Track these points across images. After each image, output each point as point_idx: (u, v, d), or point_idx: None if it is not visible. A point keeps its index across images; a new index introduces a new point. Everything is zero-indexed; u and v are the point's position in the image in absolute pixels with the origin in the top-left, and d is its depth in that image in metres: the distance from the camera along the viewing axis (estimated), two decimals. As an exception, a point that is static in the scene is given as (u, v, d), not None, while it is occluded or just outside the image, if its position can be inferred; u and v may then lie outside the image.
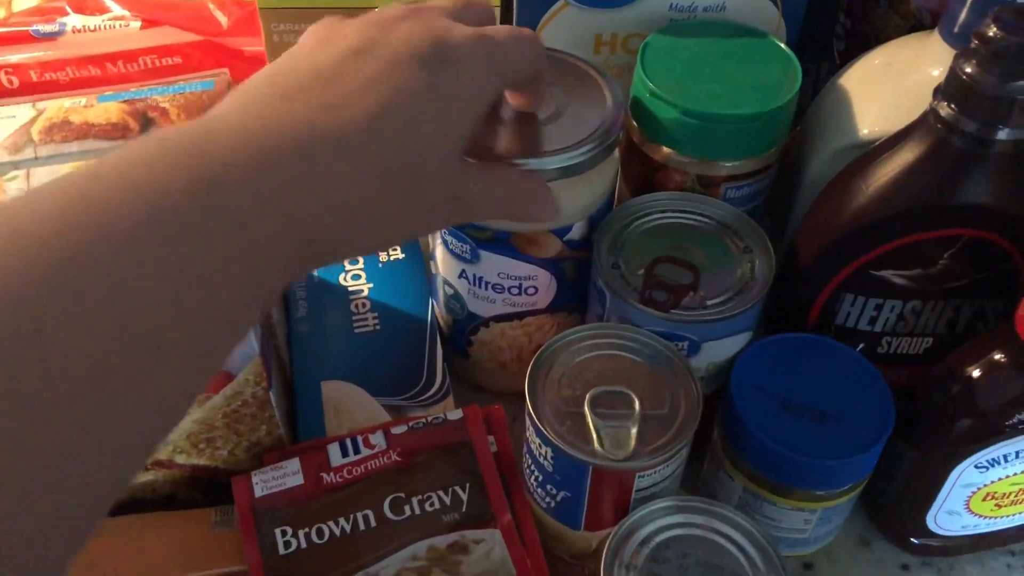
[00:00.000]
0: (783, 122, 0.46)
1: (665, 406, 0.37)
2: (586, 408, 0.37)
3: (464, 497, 0.38)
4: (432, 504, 0.38)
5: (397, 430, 0.40)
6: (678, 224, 0.44)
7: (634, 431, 0.36)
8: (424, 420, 0.41)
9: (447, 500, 0.38)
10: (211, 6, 0.63)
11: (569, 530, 0.40)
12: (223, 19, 0.63)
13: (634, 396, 0.37)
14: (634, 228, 0.44)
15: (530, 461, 0.39)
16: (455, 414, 0.41)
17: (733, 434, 0.41)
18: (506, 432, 0.41)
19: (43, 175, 0.43)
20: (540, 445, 0.37)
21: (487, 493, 0.38)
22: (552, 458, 0.37)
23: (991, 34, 0.35)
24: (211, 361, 0.25)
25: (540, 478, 0.39)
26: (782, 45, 0.47)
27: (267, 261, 0.25)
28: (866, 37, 0.52)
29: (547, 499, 0.39)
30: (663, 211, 0.45)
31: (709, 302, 0.41)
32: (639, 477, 0.36)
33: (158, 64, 0.62)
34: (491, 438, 0.41)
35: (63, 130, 0.45)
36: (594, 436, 0.36)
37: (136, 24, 0.63)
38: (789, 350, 0.42)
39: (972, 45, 0.36)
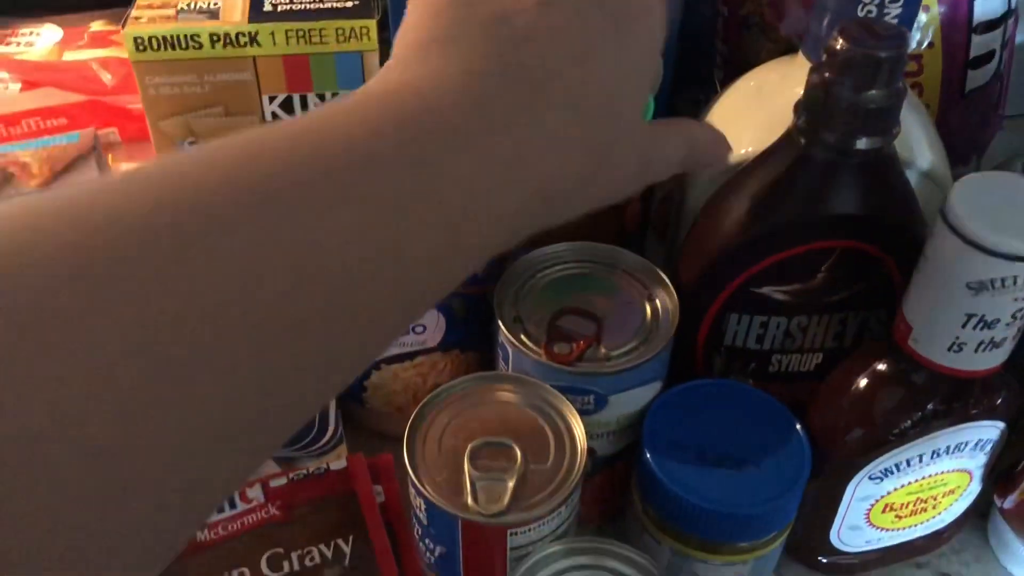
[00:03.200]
0: None
1: (548, 461, 0.36)
2: (464, 459, 0.35)
3: (347, 550, 0.37)
4: (312, 559, 0.36)
5: (276, 483, 0.39)
6: (579, 275, 0.43)
7: (511, 485, 0.34)
8: (306, 471, 0.39)
9: (328, 554, 0.36)
10: (94, 65, 0.62)
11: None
12: (107, 77, 0.62)
13: (517, 449, 0.36)
14: (535, 281, 0.43)
15: (412, 514, 0.38)
16: (338, 464, 0.40)
17: (651, 493, 0.39)
18: (395, 481, 0.40)
19: None
20: (415, 496, 0.35)
21: (371, 546, 0.37)
22: (425, 510, 0.35)
23: (839, 47, 0.35)
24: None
25: (420, 531, 0.37)
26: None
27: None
28: (742, 64, 0.52)
29: (427, 554, 0.38)
30: (564, 262, 0.44)
31: (614, 352, 0.39)
32: (511, 535, 0.34)
33: (42, 126, 0.61)
34: (379, 488, 0.40)
35: (-81, 195, 0.43)
36: (467, 489, 0.34)
37: (16, 87, 0.61)
38: (699, 398, 0.41)
39: (823, 59, 0.36)
